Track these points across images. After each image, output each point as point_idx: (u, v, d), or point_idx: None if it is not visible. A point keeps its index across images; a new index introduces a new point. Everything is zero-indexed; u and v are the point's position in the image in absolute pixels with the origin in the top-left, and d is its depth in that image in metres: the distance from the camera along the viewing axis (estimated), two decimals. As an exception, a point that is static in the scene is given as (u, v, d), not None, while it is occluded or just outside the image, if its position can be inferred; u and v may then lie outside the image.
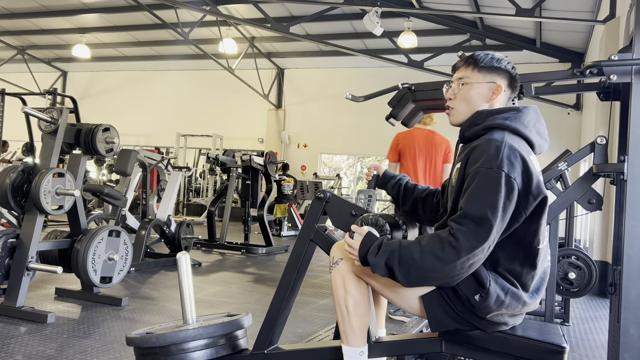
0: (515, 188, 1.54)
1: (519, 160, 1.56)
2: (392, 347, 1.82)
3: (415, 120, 3.11)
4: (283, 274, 1.96)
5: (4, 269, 3.47)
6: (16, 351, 2.74)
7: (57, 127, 3.64)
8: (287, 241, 9.14)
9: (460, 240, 1.52)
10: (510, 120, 1.65)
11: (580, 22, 8.15)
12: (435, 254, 1.55)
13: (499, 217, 1.52)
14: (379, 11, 7.95)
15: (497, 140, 1.59)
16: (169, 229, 6.02)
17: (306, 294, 4.70)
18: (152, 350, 1.75)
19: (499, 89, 1.72)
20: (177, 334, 1.74)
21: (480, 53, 1.78)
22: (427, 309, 1.67)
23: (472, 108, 1.74)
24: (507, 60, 1.77)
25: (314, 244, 1.96)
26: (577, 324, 4.13)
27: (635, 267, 2.13)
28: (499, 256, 1.62)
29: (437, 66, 10.46)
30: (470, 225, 1.53)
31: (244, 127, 14.86)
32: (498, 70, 1.74)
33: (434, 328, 1.68)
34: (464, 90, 1.75)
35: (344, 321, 1.74)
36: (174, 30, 10.74)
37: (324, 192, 1.94)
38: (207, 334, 1.78)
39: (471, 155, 1.63)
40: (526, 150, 1.63)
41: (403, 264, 1.58)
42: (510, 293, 1.60)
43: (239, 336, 1.91)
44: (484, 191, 1.54)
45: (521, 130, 1.66)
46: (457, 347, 1.69)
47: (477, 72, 1.74)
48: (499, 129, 1.64)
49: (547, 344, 1.58)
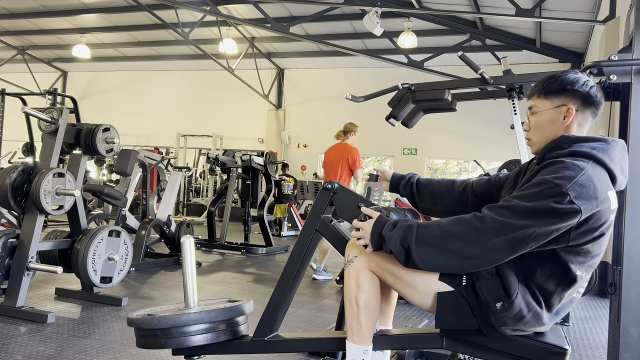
0: (573, 216, 1.46)
1: (592, 191, 1.47)
2: (393, 340, 1.82)
3: (415, 120, 3.12)
4: (287, 263, 1.95)
5: (4, 269, 3.47)
6: (16, 351, 2.74)
7: (57, 127, 3.64)
8: (287, 241, 9.14)
9: (486, 225, 1.49)
10: (598, 151, 1.57)
11: (580, 22, 8.15)
12: (456, 234, 1.51)
13: (538, 223, 1.46)
14: (379, 11, 7.95)
15: (579, 166, 1.51)
16: (169, 229, 6.02)
17: (306, 294, 4.70)
18: (153, 332, 1.74)
19: (569, 111, 1.66)
20: (178, 317, 1.73)
21: (545, 78, 1.72)
22: (438, 307, 1.64)
23: (545, 135, 1.69)
24: (576, 77, 1.67)
25: (319, 234, 1.94)
26: (577, 324, 4.13)
27: (635, 267, 2.13)
28: (535, 271, 1.58)
29: (437, 66, 10.47)
30: (504, 215, 1.49)
31: (244, 127, 14.86)
32: (565, 92, 1.67)
33: (438, 325, 1.66)
34: (534, 120, 1.72)
35: (353, 317, 1.73)
36: (174, 30, 10.75)
37: (331, 182, 1.93)
38: (209, 318, 1.77)
39: (547, 167, 1.57)
40: (606, 184, 1.54)
41: (420, 243, 1.54)
42: (533, 311, 1.56)
43: (239, 322, 1.90)
44: (537, 199, 1.48)
45: (607, 163, 1.57)
46: (458, 344, 1.68)
47: (544, 99, 1.70)
48: (584, 157, 1.55)
49: (549, 345, 1.57)
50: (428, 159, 13.66)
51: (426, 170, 13.57)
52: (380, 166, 16.14)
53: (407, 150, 13.42)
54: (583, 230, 1.51)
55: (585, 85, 1.66)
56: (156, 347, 1.76)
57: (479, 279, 1.60)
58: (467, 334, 1.65)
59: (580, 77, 1.68)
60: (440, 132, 12.79)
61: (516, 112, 3.26)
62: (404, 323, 3.42)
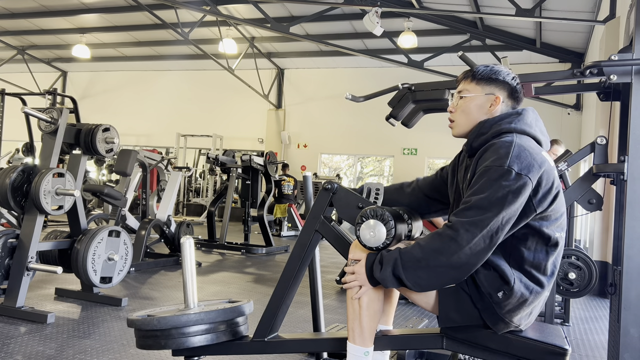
0: (526, 185, 1.55)
1: (529, 158, 1.58)
2: (393, 340, 1.81)
3: (415, 120, 3.11)
4: (287, 264, 1.95)
5: (4, 269, 3.47)
6: (16, 351, 2.74)
7: (57, 127, 3.64)
8: (287, 241, 9.14)
9: (459, 232, 1.54)
10: (515, 122, 1.69)
11: (580, 22, 8.15)
12: (437, 249, 1.56)
13: (502, 209, 1.53)
14: (379, 11, 7.95)
15: (507, 142, 1.62)
16: (169, 229, 6.02)
17: (306, 294, 4.69)
18: (152, 333, 1.74)
19: (497, 100, 1.75)
20: (178, 317, 1.73)
21: (480, 66, 1.82)
22: (441, 303, 1.67)
23: (471, 120, 1.77)
24: (508, 72, 1.79)
25: (319, 234, 1.94)
26: (577, 324, 4.13)
27: (635, 267, 2.13)
28: (522, 253, 1.64)
29: (437, 66, 10.47)
30: (470, 215, 1.55)
31: (244, 127, 14.86)
32: (496, 82, 1.76)
33: (442, 323, 1.68)
34: (463, 103, 1.79)
35: (355, 318, 1.73)
36: (174, 30, 10.74)
37: (331, 182, 1.93)
38: (209, 319, 1.77)
39: (482, 156, 1.65)
40: (537, 147, 1.66)
41: (408, 269, 1.58)
42: (534, 292, 1.62)
43: (239, 323, 1.90)
44: (490, 187, 1.56)
45: (527, 130, 1.69)
46: (458, 344, 1.68)
47: (475, 85, 1.78)
48: (507, 133, 1.67)
49: (549, 346, 1.57)
50: (428, 159, 13.65)
51: (426, 170, 13.57)
52: (380, 166, 16.15)
53: (407, 150, 13.42)
54: (541, 195, 1.59)
55: (514, 79, 1.78)
56: (156, 348, 1.75)
57: (478, 272, 1.64)
58: (468, 333, 1.65)
59: (503, 69, 1.79)
60: (440, 132, 12.75)
61: (516, 112, 3.26)
62: (404, 323, 3.42)
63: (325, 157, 15.05)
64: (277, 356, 2.90)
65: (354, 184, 14.97)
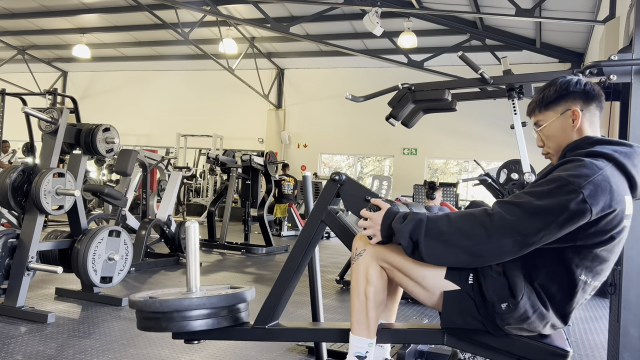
0: (584, 214, 1.42)
1: (606, 193, 1.43)
2: (395, 334, 1.80)
3: (415, 120, 3.11)
4: (291, 253, 1.94)
5: (4, 269, 3.48)
6: (16, 351, 2.74)
7: (57, 127, 3.64)
8: (287, 241, 9.14)
9: (494, 224, 1.48)
10: (620, 154, 1.53)
11: (580, 22, 8.15)
12: (464, 231, 1.51)
13: (548, 225, 1.44)
14: (379, 11, 7.95)
15: (596, 166, 1.47)
16: (169, 229, 6.03)
17: (306, 293, 4.69)
18: (154, 315, 1.73)
19: (575, 113, 1.63)
20: (180, 301, 1.73)
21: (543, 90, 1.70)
22: (444, 305, 1.63)
23: (561, 143, 1.67)
24: (575, 79, 1.66)
25: (324, 225, 1.93)
26: (577, 324, 4.13)
27: (635, 267, 2.13)
28: (540, 270, 1.56)
29: (437, 66, 10.47)
30: (513, 213, 1.47)
31: (244, 127, 14.86)
32: (564, 97, 1.65)
33: (444, 324, 1.65)
34: (544, 133, 1.71)
35: (361, 310, 1.70)
36: (174, 30, 10.75)
37: (339, 174, 1.90)
38: (210, 304, 1.76)
39: (564, 165, 1.53)
40: (623, 188, 1.50)
41: (429, 237, 1.53)
42: (538, 312, 1.54)
43: (241, 309, 1.90)
44: (550, 197, 1.45)
45: (628, 168, 1.52)
46: (459, 341, 1.67)
47: (546, 111, 1.69)
48: (604, 158, 1.51)
49: (551, 347, 1.56)
50: (428, 159, 13.66)
51: (426, 170, 13.58)
52: (380, 166, 16.15)
53: (407, 150, 13.42)
54: (592, 232, 1.47)
55: (579, 84, 1.65)
56: (157, 330, 1.75)
57: (486, 277, 1.59)
58: (470, 331, 1.64)
59: (571, 78, 1.68)
60: (440, 132, 12.79)
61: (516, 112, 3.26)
62: (404, 323, 3.42)
63: (325, 157, 15.06)
64: (278, 355, 2.91)
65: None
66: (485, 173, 5.48)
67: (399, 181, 13.35)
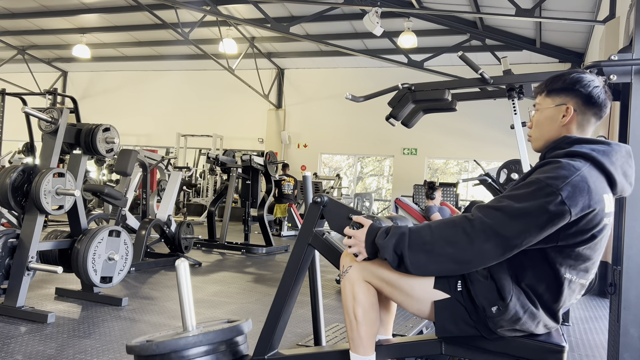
0: (563, 215, 1.43)
1: (584, 193, 1.44)
2: (392, 349, 1.82)
3: (415, 120, 3.12)
4: (282, 279, 1.96)
5: (4, 268, 3.48)
6: (16, 351, 2.74)
7: (57, 127, 3.64)
8: (287, 241, 9.14)
9: (476, 229, 1.48)
10: (597, 152, 1.53)
11: (580, 22, 8.15)
12: (447, 238, 1.51)
13: (529, 227, 1.45)
14: (379, 11, 7.95)
15: (573, 167, 1.48)
16: (169, 229, 6.03)
17: (306, 293, 4.69)
18: (152, 359, 1.75)
19: (568, 110, 1.63)
20: (177, 341, 1.74)
21: (555, 76, 1.69)
22: (437, 315, 1.63)
23: (544, 132, 1.68)
24: (586, 80, 1.63)
25: (312, 248, 1.96)
26: (577, 324, 4.13)
27: (635, 267, 2.13)
28: (526, 271, 1.57)
29: (437, 66, 10.47)
30: (494, 217, 1.48)
31: (244, 127, 14.87)
32: (567, 90, 1.64)
33: (439, 333, 1.66)
34: (535, 117, 1.72)
35: (352, 329, 1.72)
36: (174, 30, 10.75)
37: (321, 196, 1.92)
38: (207, 340, 1.78)
39: (542, 167, 1.54)
40: (602, 187, 1.51)
41: (413, 248, 1.54)
42: (528, 312, 1.55)
43: (239, 342, 1.91)
44: (529, 200, 1.46)
45: (606, 166, 1.52)
46: (457, 348, 1.69)
47: (546, 97, 1.69)
48: (582, 158, 1.52)
49: (547, 344, 1.57)
50: (428, 159, 13.66)
51: (426, 170, 13.58)
52: (380, 166, 16.15)
53: (407, 150, 13.42)
54: (573, 232, 1.48)
55: (587, 85, 1.62)
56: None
57: (474, 282, 1.59)
58: (466, 338, 1.65)
59: (584, 77, 1.64)
60: (440, 132, 12.79)
61: (516, 112, 3.26)
62: (404, 323, 3.42)
63: (325, 157, 15.06)
64: None
65: (354, 184, 14.98)
66: (485, 173, 5.48)
67: (399, 181, 13.36)
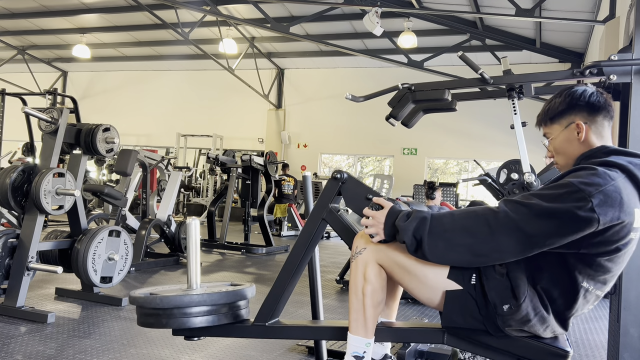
0: (591, 223, 1.40)
1: (616, 204, 1.41)
2: (394, 332, 1.80)
3: (415, 120, 3.11)
4: (292, 251, 1.94)
5: (4, 268, 3.48)
6: (16, 351, 2.74)
7: (57, 127, 3.64)
8: (287, 241, 9.14)
9: (499, 222, 1.46)
10: (634, 166, 1.50)
11: (580, 22, 8.15)
12: (468, 228, 1.50)
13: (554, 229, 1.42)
14: (379, 11, 7.95)
15: (609, 176, 1.44)
16: (169, 229, 6.03)
17: (306, 293, 4.69)
18: (154, 311, 1.74)
19: (579, 126, 1.61)
20: (181, 297, 1.73)
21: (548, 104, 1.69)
22: (446, 304, 1.62)
23: (569, 154, 1.66)
24: (579, 91, 1.63)
25: (326, 223, 1.92)
26: (577, 324, 4.13)
27: (635, 267, 2.13)
28: (543, 273, 1.55)
29: (437, 66, 10.47)
30: (520, 213, 1.45)
31: (244, 127, 14.87)
32: (568, 110, 1.64)
33: (445, 323, 1.65)
34: (552, 146, 1.71)
35: (359, 309, 1.70)
36: (174, 30, 10.75)
37: (340, 172, 1.89)
38: (211, 300, 1.77)
39: (576, 172, 1.50)
40: (633, 202, 1.47)
41: (433, 234, 1.52)
42: (539, 315, 1.53)
43: (241, 306, 1.90)
44: (559, 202, 1.42)
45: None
46: (459, 340, 1.66)
47: (552, 125, 1.68)
48: (618, 169, 1.49)
49: (551, 347, 1.55)
50: (428, 159, 13.66)
51: (426, 170, 13.58)
52: (380, 166, 16.14)
53: (407, 150, 13.42)
54: (597, 241, 1.45)
55: (583, 96, 1.63)
56: (157, 326, 1.75)
57: (489, 278, 1.57)
58: (470, 331, 1.63)
59: (576, 89, 1.64)
60: (440, 132, 12.79)
61: (516, 112, 3.26)
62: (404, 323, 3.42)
63: (325, 157, 15.06)
64: (278, 355, 2.91)
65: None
66: (485, 173, 5.47)
67: (399, 181, 13.34)
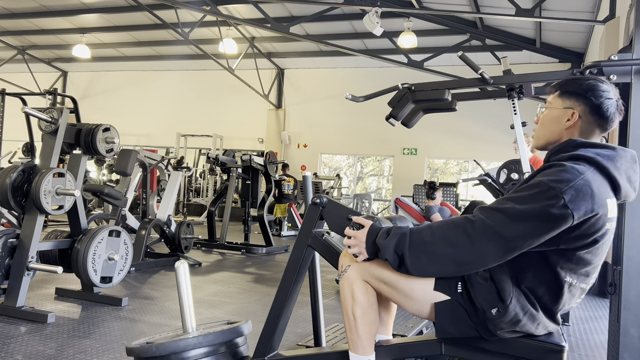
0: (565, 219, 1.42)
1: (587, 197, 1.44)
2: (392, 349, 1.82)
3: (415, 120, 3.11)
4: (282, 280, 1.96)
5: (4, 268, 3.48)
6: (16, 351, 2.74)
7: (57, 127, 3.64)
8: (287, 241, 9.14)
9: (477, 230, 1.48)
10: (602, 157, 1.52)
11: (580, 22, 8.15)
12: (448, 239, 1.51)
13: (531, 230, 1.44)
14: (379, 11, 7.95)
15: (577, 170, 1.47)
16: (169, 229, 6.03)
17: (306, 293, 4.68)
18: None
19: (573, 115, 1.62)
20: (176, 343, 1.74)
21: (572, 78, 1.70)
22: (437, 316, 1.63)
23: (546, 132, 1.69)
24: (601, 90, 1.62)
25: (312, 249, 1.96)
26: (577, 324, 4.13)
27: (635, 267, 2.13)
28: (526, 273, 1.56)
29: (437, 66, 10.47)
30: (496, 219, 1.47)
31: (244, 127, 14.87)
32: (579, 96, 1.63)
33: (440, 335, 1.66)
34: (543, 114, 1.72)
35: (351, 329, 1.72)
36: (174, 30, 10.75)
37: (319, 196, 1.92)
38: (207, 342, 1.78)
39: (545, 170, 1.53)
40: (605, 192, 1.50)
41: (414, 249, 1.54)
42: (528, 314, 1.55)
43: (239, 343, 1.91)
44: (531, 202, 1.45)
45: (610, 171, 1.51)
46: (457, 348, 1.69)
47: (557, 97, 1.69)
48: (586, 162, 1.51)
49: (546, 344, 1.58)
50: (428, 159, 13.66)
51: (426, 170, 13.58)
52: (380, 166, 16.15)
53: (407, 150, 13.42)
54: (575, 235, 1.48)
55: (600, 96, 1.61)
56: None
57: (474, 284, 1.59)
58: (466, 339, 1.65)
59: (599, 86, 1.63)
60: (440, 132, 12.79)
61: (516, 112, 3.26)
62: (404, 323, 3.42)
63: (325, 157, 15.06)
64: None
65: (354, 184, 14.99)
66: (485, 173, 5.48)
67: (399, 181, 13.36)
